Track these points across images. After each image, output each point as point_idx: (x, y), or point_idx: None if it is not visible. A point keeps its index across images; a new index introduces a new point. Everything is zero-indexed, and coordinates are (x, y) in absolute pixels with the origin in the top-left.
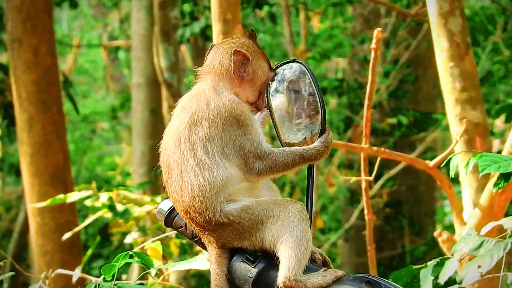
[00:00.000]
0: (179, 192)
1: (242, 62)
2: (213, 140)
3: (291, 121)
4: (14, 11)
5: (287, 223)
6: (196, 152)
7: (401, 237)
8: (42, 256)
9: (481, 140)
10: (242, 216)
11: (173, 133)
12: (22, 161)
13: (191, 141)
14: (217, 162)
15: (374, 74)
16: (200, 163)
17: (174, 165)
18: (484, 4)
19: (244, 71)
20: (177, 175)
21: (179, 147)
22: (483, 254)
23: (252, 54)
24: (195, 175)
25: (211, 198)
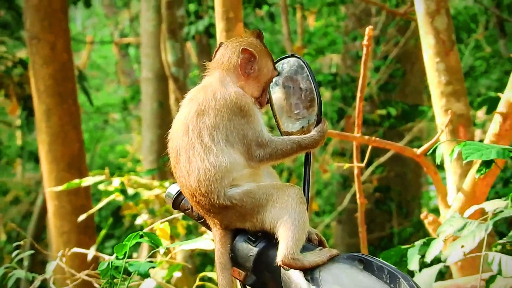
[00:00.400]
0: (186, 177)
1: (249, 60)
2: (219, 128)
3: (290, 112)
4: (33, 10)
5: (285, 206)
6: (203, 139)
7: (389, 220)
8: (60, 236)
9: (465, 130)
10: (244, 199)
11: (182, 122)
12: (41, 149)
13: (199, 129)
14: (222, 149)
15: (366, 69)
16: (207, 149)
17: (182, 151)
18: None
19: (251, 68)
20: (185, 160)
21: (187, 134)
22: (466, 235)
23: (258, 53)
24: (202, 160)
25: (216, 181)
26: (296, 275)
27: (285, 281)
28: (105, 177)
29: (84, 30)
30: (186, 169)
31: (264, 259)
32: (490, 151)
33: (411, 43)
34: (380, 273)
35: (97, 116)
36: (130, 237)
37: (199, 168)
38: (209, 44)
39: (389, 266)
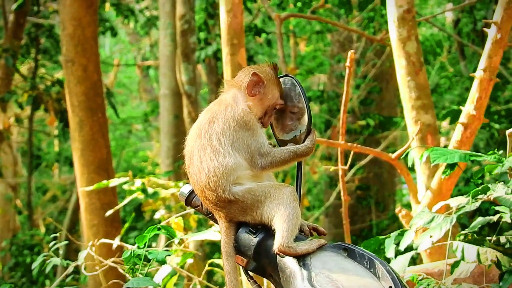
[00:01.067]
0: (198, 174)
1: (257, 83)
2: (225, 135)
3: (285, 122)
4: (68, 38)
5: (281, 202)
6: (212, 142)
7: (369, 213)
8: (90, 229)
9: (432, 137)
10: (246, 196)
11: (196, 128)
12: (74, 155)
13: (209, 134)
14: (229, 151)
15: (348, 86)
16: (215, 151)
17: (195, 152)
18: (434, 32)
19: (257, 91)
20: (197, 160)
21: (200, 138)
22: (434, 227)
23: (267, 79)
24: (211, 159)
25: (223, 178)
26: (290, 261)
27: (281, 267)
28: (129, 179)
29: (111, 54)
30: (198, 168)
31: (263, 248)
32: (453, 155)
33: (386, 65)
34: (362, 260)
35: (122, 126)
36: (150, 229)
37: (209, 166)
38: (217, 66)
39: (369, 254)
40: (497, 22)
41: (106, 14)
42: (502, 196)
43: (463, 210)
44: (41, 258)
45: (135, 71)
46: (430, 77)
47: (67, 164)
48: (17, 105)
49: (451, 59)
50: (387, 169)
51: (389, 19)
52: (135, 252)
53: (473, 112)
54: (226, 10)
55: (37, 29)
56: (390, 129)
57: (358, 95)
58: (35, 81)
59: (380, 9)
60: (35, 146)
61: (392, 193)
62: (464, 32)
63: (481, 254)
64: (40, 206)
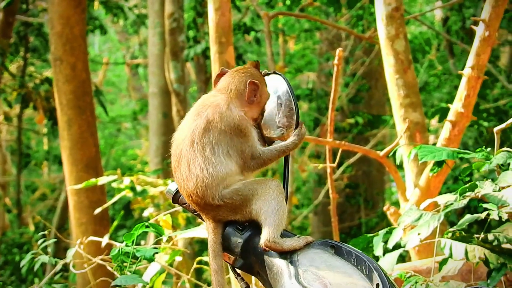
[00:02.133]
0: (185, 181)
1: (254, 90)
2: (220, 144)
3: (272, 120)
4: (57, 37)
5: (267, 197)
6: (204, 152)
7: (358, 211)
8: (79, 227)
9: (420, 135)
10: (234, 197)
11: (189, 133)
12: (63, 153)
13: (203, 143)
14: (221, 161)
15: (337, 84)
16: (207, 161)
17: (184, 159)
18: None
19: (255, 96)
20: (186, 167)
21: (192, 146)
22: (422, 224)
23: (260, 82)
24: (201, 169)
25: (212, 188)
26: (277, 258)
27: (268, 264)
28: (118, 177)
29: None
30: (186, 175)
31: (250, 245)
32: (441, 153)
33: (375, 63)
34: (349, 257)
35: (111, 125)
36: (138, 227)
37: (197, 176)
38: (206, 64)
39: (356, 251)
40: (485, 20)
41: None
42: (490, 194)
43: (451, 208)
44: (30, 256)
45: (124, 70)
46: (419, 75)
47: (56, 162)
48: (6, 103)
49: (440, 57)
50: (376, 167)
51: (377, 17)
52: (123, 249)
53: (461, 110)
54: (214, 8)
55: (26, 27)
56: (379, 127)
57: (347, 93)
58: (24, 80)
59: (369, 7)
60: (24, 145)
61: (381, 191)
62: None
63: (469, 251)
64: (29, 205)
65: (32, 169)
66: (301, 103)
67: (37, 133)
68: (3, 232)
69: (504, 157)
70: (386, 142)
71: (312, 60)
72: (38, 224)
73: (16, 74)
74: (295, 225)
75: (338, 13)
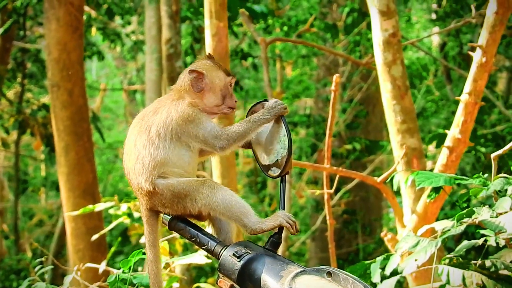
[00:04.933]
0: (128, 156)
1: (198, 78)
2: (167, 129)
3: (266, 147)
4: (54, 63)
5: (208, 202)
6: (150, 131)
7: (355, 237)
8: (76, 253)
9: (417, 161)
10: (165, 191)
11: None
12: (60, 179)
13: (150, 122)
14: (164, 145)
15: (334, 110)
16: (151, 140)
17: (132, 137)
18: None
19: (202, 84)
20: (132, 143)
21: (140, 124)
22: (419, 250)
23: (206, 69)
24: (144, 147)
25: (147, 168)
26: (274, 285)
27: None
28: (115, 203)
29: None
30: (131, 150)
31: (247, 272)
32: (438, 179)
33: (372, 89)
34: (346, 283)
35: (109, 151)
36: (135, 253)
37: (139, 153)
38: None
39: (353, 277)
40: (482, 45)
41: (92, 38)
42: (487, 220)
43: (448, 234)
44: (27, 283)
45: (122, 96)
46: (416, 100)
47: (54, 188)
48: (3, 129)
49: (437, 83)
50: (374, 193)
51: (374, 43)
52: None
53: (459, 135)
54: (211, 34)
55: (24, 53)
56: (376, 153)
57: (344, 119)
58: (21, 106)
59: (366, 33)
60: (21, 171)
61: (378, 217)
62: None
63: (466, 277)
64: (26, 231)
65: (29, 195)
66: (298, 129)
67: (35, 159)
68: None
69: (502, 183)
70: (383, 168)
71: (309, 86)
72: (36, 251)
73: (14, 100)
74: (292, 251)
75: (336, 39)
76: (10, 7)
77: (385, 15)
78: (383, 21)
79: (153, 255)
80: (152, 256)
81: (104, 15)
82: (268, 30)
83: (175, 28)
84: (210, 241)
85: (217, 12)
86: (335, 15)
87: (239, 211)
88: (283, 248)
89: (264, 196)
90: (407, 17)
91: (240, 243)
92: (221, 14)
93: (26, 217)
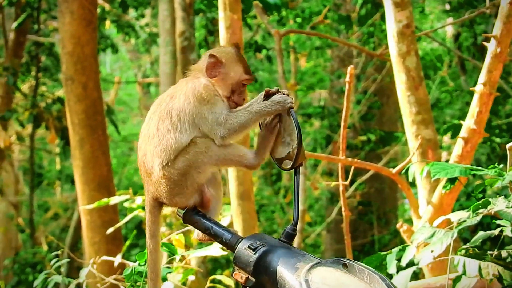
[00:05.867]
0: (150, 139)
1: (215, 64)
2: (185, 111)
3: (277, 140)
4: (68, 56)
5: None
6: (172, 116)
7: (371, 229)
8: (91, 246)
9: (433, 152)
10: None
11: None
12: (75, 173)
13: (169, 107)
14: (186, 129)
15: (348, 102)
16: (174, 125)
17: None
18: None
19: (217, 72)
20: (154, 127)
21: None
22: (435, 241)
23: (227, 59)
24: (169, 131)
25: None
26: (290, 277)
27: (280, 283)
28: (129, 196)
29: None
30: (153, 133)
31: (262, 264)
32: (454, 170)
33: (387, 80)
34: (362, 275)
35: (123, 144)
36: None
37: (163, 136)
38: None
39: (369, 269)
40: (496, 36)
41: (106, 31)
42: (503, 210)
43: (464, 225)
44: (43, 276)
45: (136, 88)
46: (430, 91)
47: (69, 182)
48: (18, 123)
49: (452, 74)
50: (389, 184)
51: (388, 34)
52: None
53: (474, 126)
54: (225, 26)
55: (37, 47)
56: (391, 144)
57: (358, 110)
58: (35, 99)
59: (380, 24)
60: (36, 164)
61: (393, 208)
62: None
63: (482, 268)
64: (42, 224)
65: (44, 189)
66: (312, 121)
67: (49, 152)
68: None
69: None
70: (398, 159)
71: (323, 77)
72: (51, 244)
73: (28, 94)
74: (308, 243)
75: (349, 31)
76: (24, 1)
77: (399, 6)
78: (397, 12)
79: (153, 245)
80: (153, 246)
81: (118, 8)
82: (282, 22)
83: (189, 21)
84: (225, 234)
85: (231, 4)
86: (348, 7)
87: (236, 154)
88: (298, 240)
89: (279, 188)
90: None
91: (256, 235)
92: (235, 6)
93: (41, 211)
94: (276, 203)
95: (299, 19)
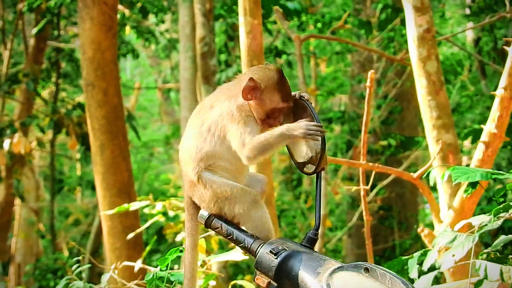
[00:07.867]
0: (183, 144)
1: (253, 88)
2: (217, 125)
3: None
4: (88, 62)
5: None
6: (203, 125)
7: (392, 233)
8: (112, 252)
9: (453, 156)
10: (208, 186)
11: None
12: (96, 178)
13: (204, 117)
14: (212, 139)
15: (369, 106)
16: (200, 134)
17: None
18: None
19: (253, 96)
20: (190, 134)
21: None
22: (456, 246)
23: (265, 86)
24: (194, 138)
25: (196, 158)
26: (312, 281)
27: (302, 287)
28: (150, 202)
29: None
30: (186, 140)
31: (284, 269)
32: (475, 174)
33: (407, 84)
34: (383, 279)
35: (144, 149)
36: (172, 251)
37: (190, 143)
38: None
39: (390, 273)
40: None
41: (126, 37)
42: None
43: (485, 229)
44: (64, 282)
45: (156, 94)
46: (451, 96)
47: (89, 187)
48: (38, 129)
49: (472, 78)
50: (410, 189)
51: (409, 38)
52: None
53: (494, 130)
54: (245, 31)
55: (58, 53)
56: (411, 149)
57: (379, 115)
58: (56, 105)
59: (400, 29)
60: (57, 170)
61: (414, 213)
62: (485, 50)
63: (504, 272)
64: (63, 230)
65: (65, 195)
66: (333, 126)
67: (70, 158)
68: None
69: None
70: (419, 164)
71: (343, 82)
72: (72, 250)
73: (48, 100)
74: (329, 248)
75: (370, 35)
76: (44, 7)
77: (419, 11)
78: (417, 16)
79: (190, 242)
80: (189, 244)
81: (138, 13)
82: (302, 27)
83: (209, 26)
84: (247, 239)
85: (251, 9)
86: (368, 12)
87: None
88: (319, 245)
89: (300, 193)
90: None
91: (277, 240)
92: (255, 12)
93: (62, 217)
94: (297, 208)
95: (319, 24)
